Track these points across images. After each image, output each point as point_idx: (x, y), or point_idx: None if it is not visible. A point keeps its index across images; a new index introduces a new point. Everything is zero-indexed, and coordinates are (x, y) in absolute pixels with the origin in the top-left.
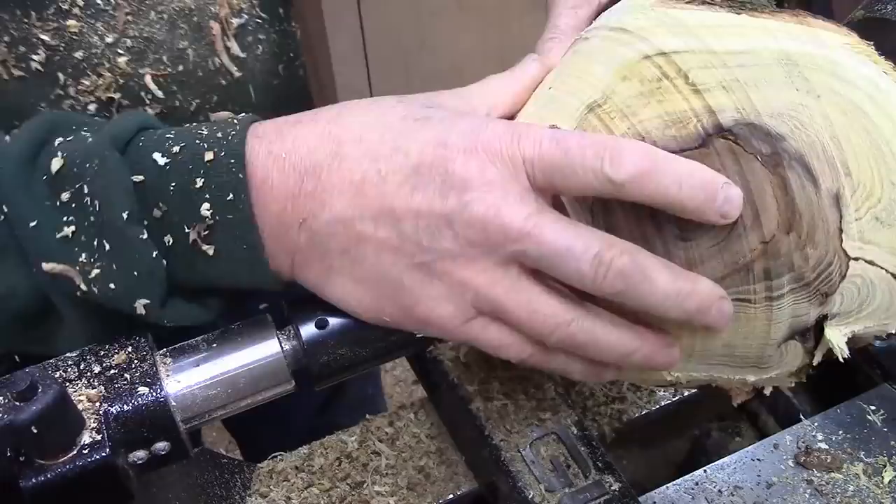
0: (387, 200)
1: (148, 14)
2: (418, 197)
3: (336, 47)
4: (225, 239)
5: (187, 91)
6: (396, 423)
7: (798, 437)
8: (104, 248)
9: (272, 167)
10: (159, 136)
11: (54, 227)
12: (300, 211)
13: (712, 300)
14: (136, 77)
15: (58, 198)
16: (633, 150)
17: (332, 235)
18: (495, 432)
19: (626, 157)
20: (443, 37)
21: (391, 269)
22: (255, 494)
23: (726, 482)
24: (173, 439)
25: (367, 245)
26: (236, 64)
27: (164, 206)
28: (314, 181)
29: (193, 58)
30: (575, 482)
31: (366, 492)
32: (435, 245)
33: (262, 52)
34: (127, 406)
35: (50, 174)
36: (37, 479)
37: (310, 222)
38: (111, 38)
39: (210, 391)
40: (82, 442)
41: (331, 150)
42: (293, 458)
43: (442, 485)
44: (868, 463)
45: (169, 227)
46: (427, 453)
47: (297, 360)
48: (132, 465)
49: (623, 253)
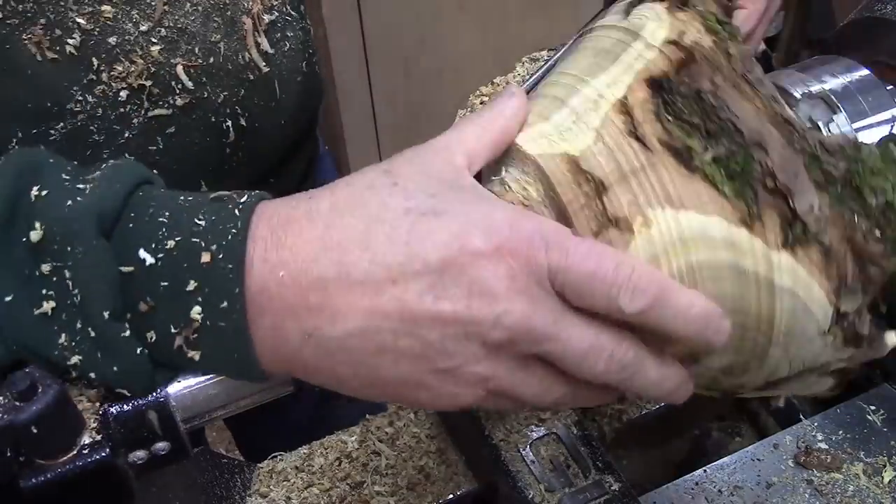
0: (407, 308)
1: (184, 5)
2: (443, 305)
3: (336, 47)
4: (214, 346)
5: (216, 84)
6: (396, 423)
7: (798, 437)
8: (87, 334)
9: (269, 277)
10: (152, 219)
11: (32, 301)
12: (304, 325)
13: (682, 379)
14: (168, 66)
15: (37, 268)
16: (648, 284)
17: (345, 350)
18: (495, 432)
19: (639, 294)
20: (443, 37)
21: (409, 375)
22: (255, 494)
23: (726, 482)
24: (173, 439)
25: (386, 355)
26: (264, 59)
27: (152, 301)
28: (320, 296)
29: (224, 51)
30: (575, 482)
31: (366, 492)
32: (460, 350)
33: (289, 48)
34: (127, 406)
35: (29, 241)
36: (37, 479)
37: (317, 338)
38: (145, 27)
39: (210, 391)
40: (82, 442)
41: (335, 259)
42: (293, 458)
43: (442, 485)
44: (868, 463)
45: (154, 324)
46: (427, 453)
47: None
48: (132, 465)
49: (629, 349)
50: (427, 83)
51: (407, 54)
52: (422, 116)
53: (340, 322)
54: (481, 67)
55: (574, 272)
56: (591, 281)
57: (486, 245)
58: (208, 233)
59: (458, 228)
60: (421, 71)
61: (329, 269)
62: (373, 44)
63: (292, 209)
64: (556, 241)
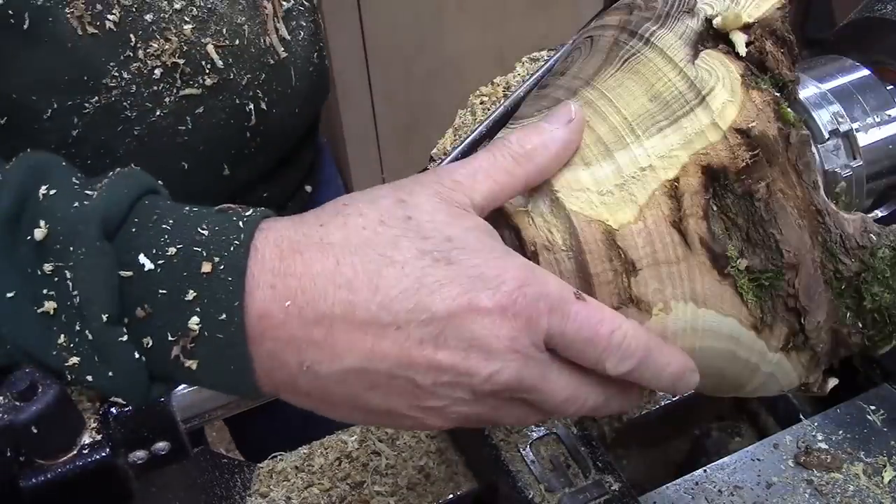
0: (404, 353)
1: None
2: (441, 355)
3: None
4: (211, 356)
5: (241, 66)
6: None
7: (798, 437)
8: (85, 337)
9: (273, 305)
10: (155, 226)
11: (34, 300)
12: (303, 357)
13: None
14: (199, 46)
15: (40, 266)
16: (635, 350)
17: (341, 384)
18: (495, 432)
19: (626, 360)
20: (443, 37)
21: (397, 408)
22: (255, 494)
23: (726, 482)
24: (173, 439)
25: (378, 390)
26: (283, 45)
27: (150, 308)
28: (324, 331)
29: (248, 34)
30: (575, 482)
31: (366, 492)
32: (450, 395)
33: (302, 37)
34: (127, 406)
35: (34, 239)
36: (37, 479)
37: (315, 370)
38: (179, 5)
39: (210, 391)
40: (82, 442)
41: (343, 298)
42: (293, 458)
43: (442, 485)
44: (868, 463)
45: (151, 330)
46: (427, 453)
47: None
48: (132, 465)
49: (601, 395)
50: (427, 83)
51: (407, 54)
52: (422, 116)
53: (339, 359)
54: (481, 67)
55: (570, 337)
56: (584, 345)
57: (493, 304)
58: (211, 243)
59: (469, 284)
60: (421, 71)
61: (336, 307)
62: (373, 44)
63: (303, 236)
64: (559, 306)
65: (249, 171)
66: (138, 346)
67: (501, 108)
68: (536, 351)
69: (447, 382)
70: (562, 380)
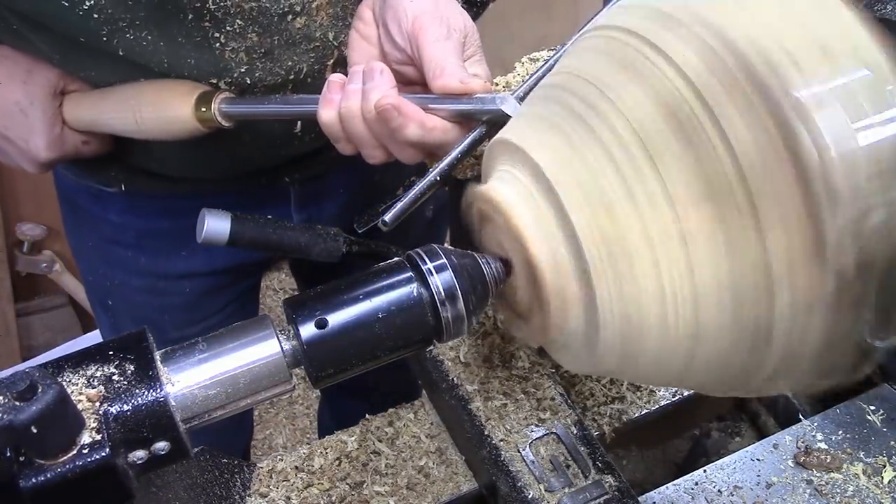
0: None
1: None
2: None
3: None
4: None
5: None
6: (396, 423)
7: (798, 437)
8: None
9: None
10: None
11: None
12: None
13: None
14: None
15: None
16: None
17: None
18: (495, 432)
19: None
20: None
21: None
22: (255, 494)
23: (726, 482)
24: (173, 439)
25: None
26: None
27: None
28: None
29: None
30: (575, 482)
31: (366, 492)
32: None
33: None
34: (127, 406)
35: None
36: (37, 479)
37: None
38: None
39: (210, 391)
40: (82, 442)
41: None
42: (293, 458)
43: (442, 485)
44: (868, 463)
45: None
46: (427, 453)
47: (297, 360)
48: (132, 465)
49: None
50: None
51: None
52: None
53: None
54: None
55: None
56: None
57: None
58: None
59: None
60: None
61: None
62: None
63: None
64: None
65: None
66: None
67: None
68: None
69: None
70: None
